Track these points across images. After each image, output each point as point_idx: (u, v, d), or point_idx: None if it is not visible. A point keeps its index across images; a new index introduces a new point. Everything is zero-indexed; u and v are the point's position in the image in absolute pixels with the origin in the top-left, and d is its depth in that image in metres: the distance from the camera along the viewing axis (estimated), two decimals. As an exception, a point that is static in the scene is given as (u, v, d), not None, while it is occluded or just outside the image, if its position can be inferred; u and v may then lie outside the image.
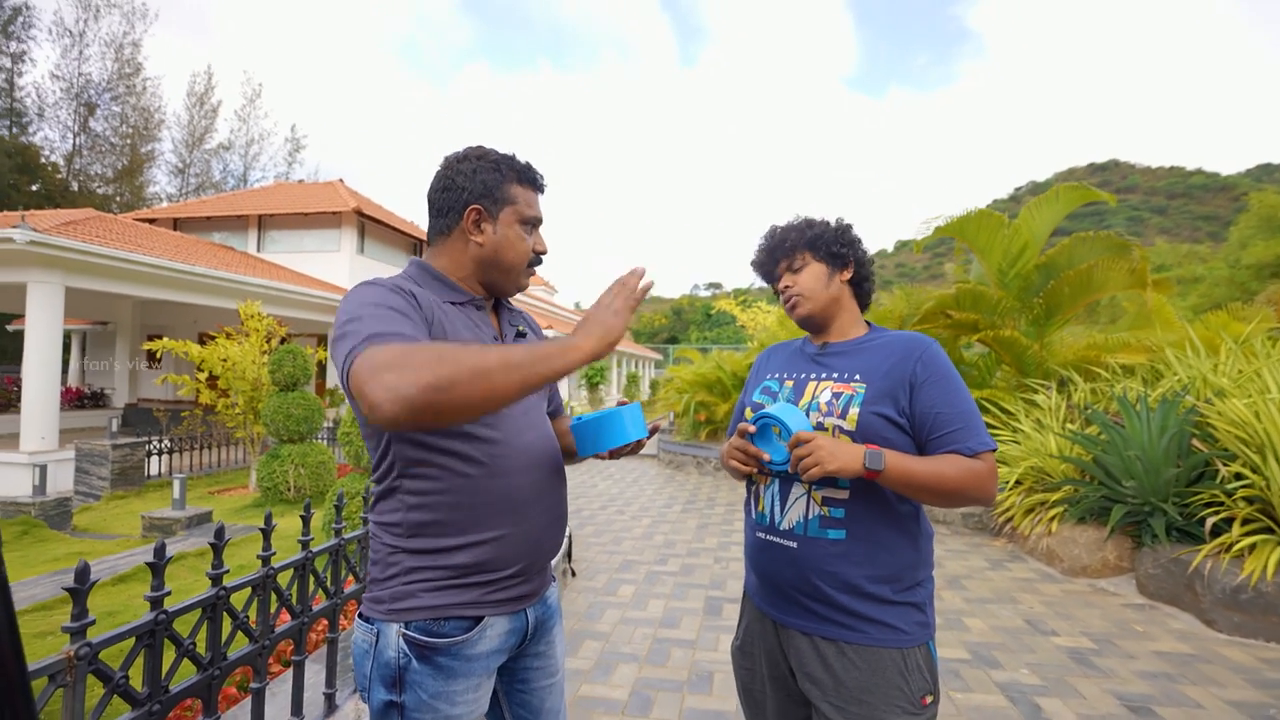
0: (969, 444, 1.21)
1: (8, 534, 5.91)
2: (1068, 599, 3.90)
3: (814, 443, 1.15)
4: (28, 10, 24.63)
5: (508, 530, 1.08)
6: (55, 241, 8.01)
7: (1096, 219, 61.23)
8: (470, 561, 1.05)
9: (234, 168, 34.64)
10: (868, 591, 1.22)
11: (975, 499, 1.21)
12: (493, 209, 1.14)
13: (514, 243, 1.15)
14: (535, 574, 1.15)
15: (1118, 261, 6.10)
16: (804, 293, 1.37)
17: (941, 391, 1.24)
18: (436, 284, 1.14)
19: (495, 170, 1.14)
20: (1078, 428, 5.10)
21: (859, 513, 1.24)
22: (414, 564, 1.04)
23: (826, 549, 1.24)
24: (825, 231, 1.36)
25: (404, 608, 1.03)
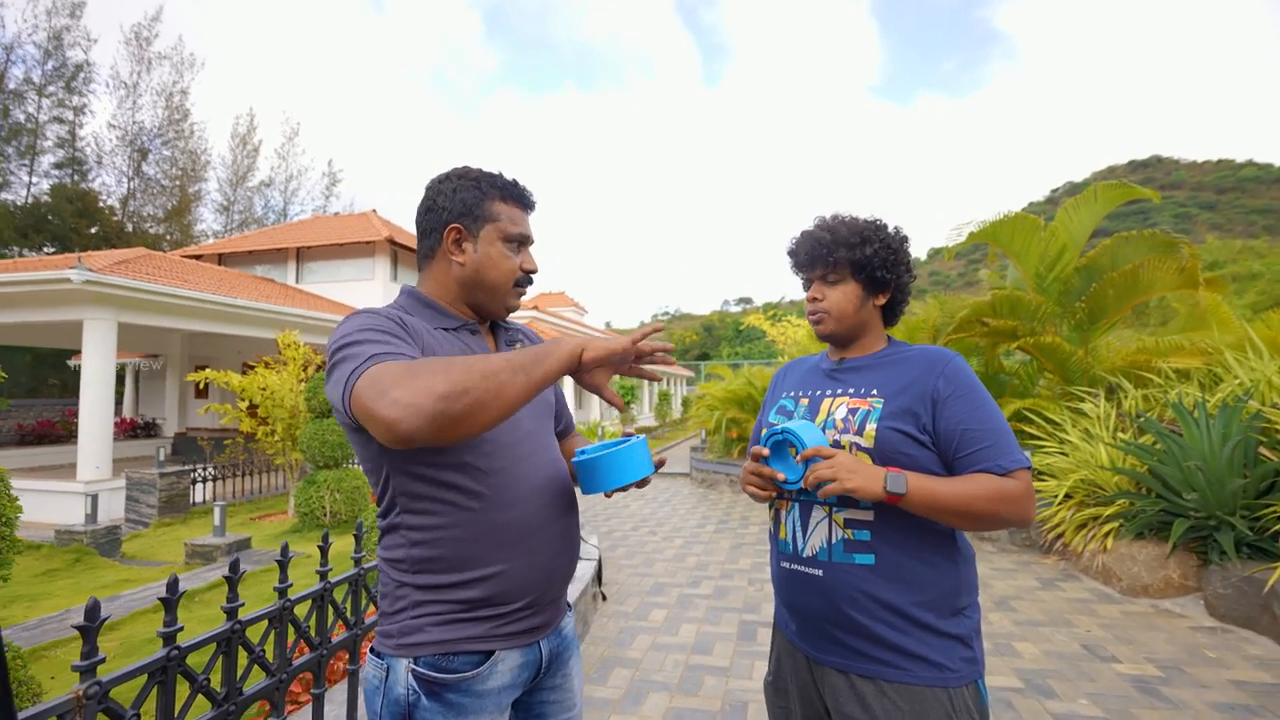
0: (1000, 462, 1.12)
1: (61, 561, 6.12)
2: (1129, 621, 3.65)
3: (833, 458, 1.08)
4: (88, 67, 26.31)
5: (514, 563, 1.04)
6: (107, 280, 8.39)
7: (1140, 218, 59.07)
8: (478, 596, 1.02)
9: (274, 203, 36.15)
10: (908, 615, 1.13)
11: (1010, 521, 1.12)
12: (473, 227, 1.11)
13: (496, 261, 1.12)
14: (547, 605, 1.11)
15: (1165, 260, 5.82)
16: (831, 311, 1.30)
17: (967, 406, 1.16)
18: (428, 311, 1.12)
19: (475, 188, 1.11)
20: (1130, 437, 4.84)
21: (887, 534, 1.15)
22: (421, 598, 1.02)
23: (855, 575, 1.15)
24: (875, 255, 1.27)
25: (412, 642, 1.00)
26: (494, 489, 1.04)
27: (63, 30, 25.26)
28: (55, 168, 26.07)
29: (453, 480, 1.01)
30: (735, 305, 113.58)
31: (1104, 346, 6.54)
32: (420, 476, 1.01)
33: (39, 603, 5.06)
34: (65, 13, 25.36)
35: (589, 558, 4.42)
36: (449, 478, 1.01)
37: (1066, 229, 6.65)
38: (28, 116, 24.69)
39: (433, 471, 1.01)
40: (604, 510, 8.10)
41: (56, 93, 25.55)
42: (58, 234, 23.84)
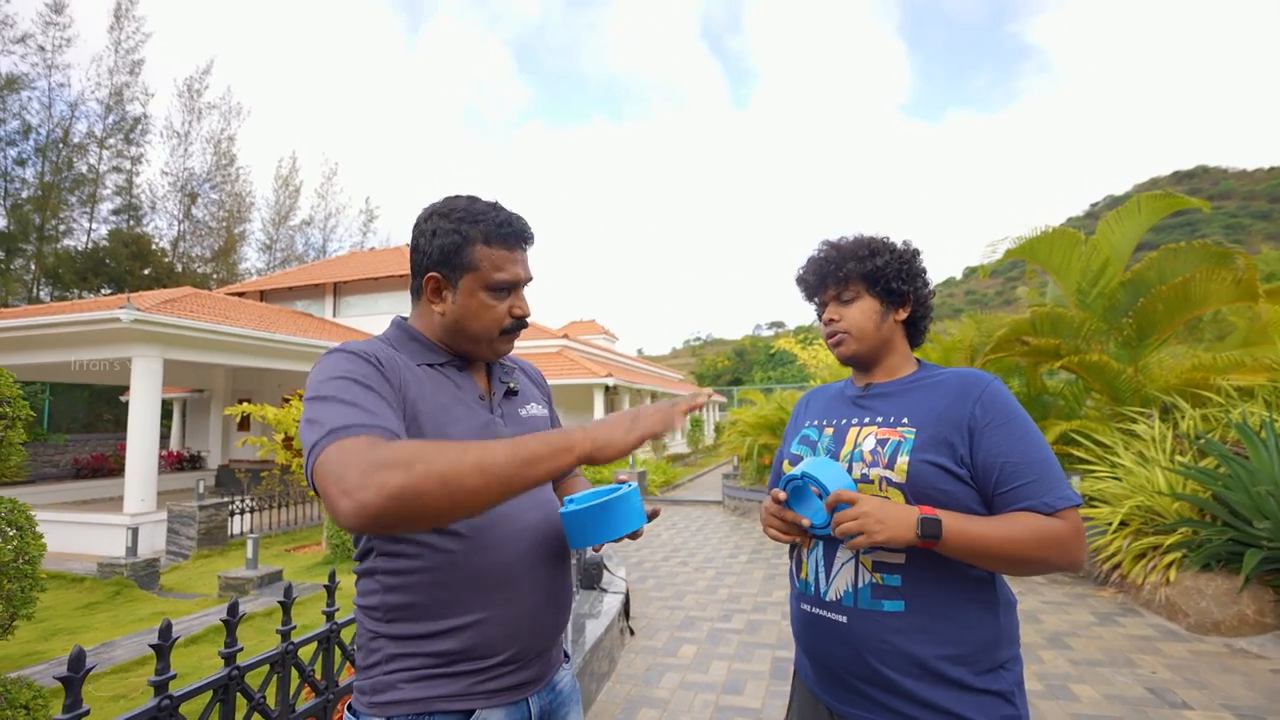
0: (1045, 499, 1.00)
1: (102, 594, 6.25)
2: (1200, 662, 3.36)
3: (859, 507, 0.98)
4: (145, 119, 27.97)
5: (493, 611, 0.96)
6: (153, 318, 8.73)
7: (1188, 230, 56.96)
8: (455, 648, 0.94)
9: (314, 240, 37.49)
10: (939, 672, 1.01)
11: (1057, 565, 1.00)
12: (451, 276, 1.03)
13: (476, 313, 1.04)
14: (534, 659, 1.02)
15: (1219, 272, 5.50)
16: (851, 331, 1.21)
17: (1008, 437, 1.05)
18: (414, 345, 1.07)
19: (455, 233, 1.02)
20: (1189, 460, 4.53)
21: (919, 579, 1.04)
22: (395, 650, 0.94)
23: (883, 624, 1.04)
24: (888, 265, 1.19)
25: (386, 700, 0.92)
26: (475, 530, 0.96)
27: (123, 86, 26.97)
28: (113, 214, 27.59)
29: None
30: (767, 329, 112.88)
31: (1156, 364, 6.20)
32: None
33: (78, 635, 5.15)
34: (126, 70, 27.11)
35: (616, 590, 4.30)
36: None
37: (1109, 242, 6.38)
38: (89, 168, 26.27)
39: None
40: (634, 541, 7.94)
41: (116, 144, 27.16)
42: (114, 276, 25.10)
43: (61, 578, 6.89)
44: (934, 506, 1.04)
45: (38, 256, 23.75)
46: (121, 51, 27.02)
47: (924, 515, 0.98)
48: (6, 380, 2.45)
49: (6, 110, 23.25)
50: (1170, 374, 5.90)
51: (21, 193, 23.89)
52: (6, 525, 2.37)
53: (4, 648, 4.22)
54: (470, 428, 1.01)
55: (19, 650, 4.57)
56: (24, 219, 23.39)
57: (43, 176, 24.47)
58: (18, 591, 2.29)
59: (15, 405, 2.45)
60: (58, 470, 15.66)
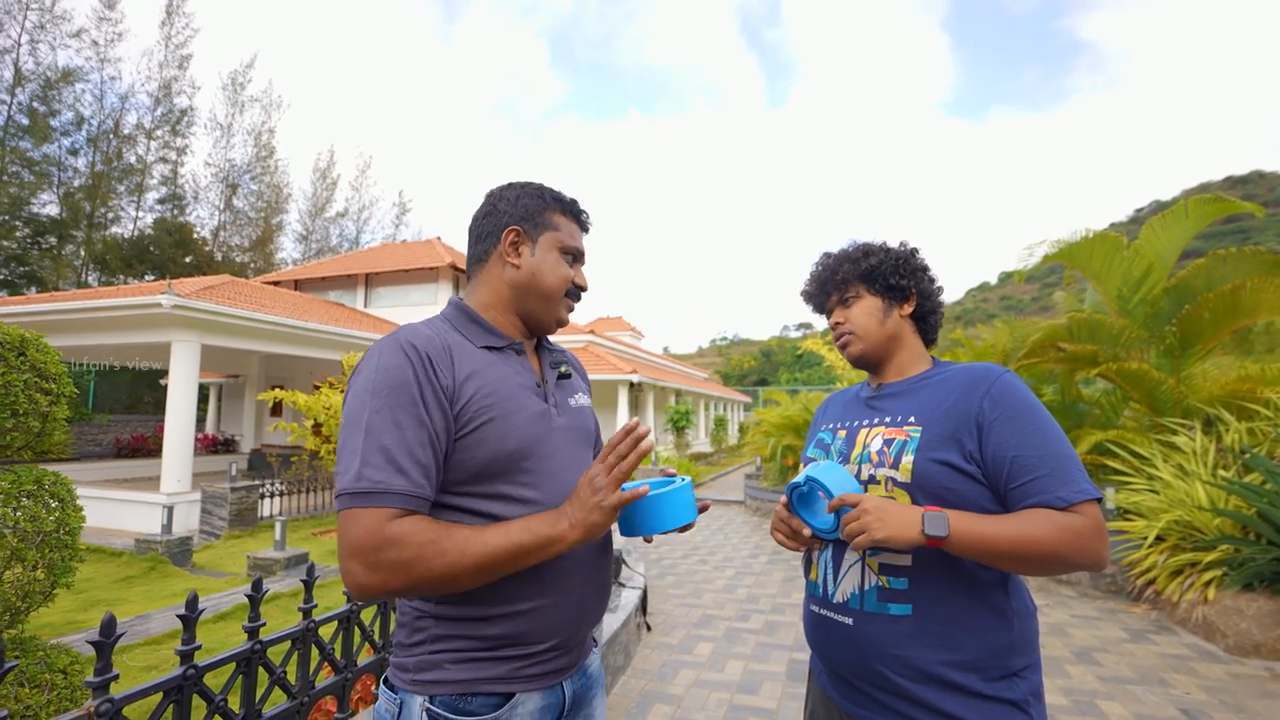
0: (1059, 493, 0.97)
1: (138, 569, 6.47)
2: (1238, 686, 3.23)
3: (860, 505, 0.96)
4: (191, 111, 28.82)
5: (547, 601, 0.98)
6: (192, 304, 9.00)
7: (1239, 237, 54.64)
8: (504, 633, 0.95)
9: (348, 232, 38.21)
10: (945, 677, 0.98)
11: (1076, 563, 0.96)
12: (532, 232, 1.10)
13: (553, 267, 1.10)
14: (574, 646, 1.04)
15: (1272, 280, 5.26)
16: (856, 330, 1.22)
17: (1017, 430, 1.01)
18: (474, 328, 1.07)
19: (539, 197, 1.11)
20: (1233, 475, 4.36)
21: (926, 583, 1.02)
22: (442, 632, 0.95)
23: (888, 627, 1.03)
24: (883, 262, 1.20)
25: (430, 679, 0.94)
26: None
27: (171, 80, 27.82)
28: (158, 203, 28.48)
29: (488, 510, 0.96)
30: (795, 331, 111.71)
31: (1199, 374, 5.97)
32: (452, 507, 0.96)
33: (116, 607, 5.34)
34: (174, 65, 27.96)
35: (635, 585, 4.30)
36: (484, 508, 0.96)
37: (1153, 247, 6.16)
38: (137, 158, 27.16)
39: (467, 502, 0.96)
40: (654, 538, 7.94)
41: (163, 136, 28.02)
42: (157, 263, 25.95)
43: (101, 552, 7.15)
44: (940, 505, 1.01)
45: (87, 243, 24.67)
46: (171, 46, 27.87)
47: (929, 513, 0.95)
48: (53, 358, 2.54)
49: (61, 102, 24.17)
50: (1214, 385, 5.67)
51: (74, 181, 24.82)
52: (50, 497, 2.46)
53: (46, 615, 4.40)
54: (530, 416, 1.02)
55: (60, 619, 4.76)
56: (75, 207, 24.30)
57: (94, 166, 25.38)
58: (58, 560, 2.38)
59: (60, 382, 2.54)
60: (100, 449, 16.27)
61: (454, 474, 0.95)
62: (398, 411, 0.89)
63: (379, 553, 0.83)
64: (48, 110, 23.57)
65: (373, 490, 0.85)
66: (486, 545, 0.86)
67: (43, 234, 23.50)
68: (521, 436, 0.98)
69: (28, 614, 2.36)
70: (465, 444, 0.94)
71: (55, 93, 23.81)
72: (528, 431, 0.99)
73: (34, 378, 2.43)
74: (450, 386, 0.95)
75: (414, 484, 0.88)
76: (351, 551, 0.84)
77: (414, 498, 0.87)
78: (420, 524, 0.87)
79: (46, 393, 2.47)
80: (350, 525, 0.85)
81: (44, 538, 2.36)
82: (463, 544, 0.86)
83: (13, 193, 21.95)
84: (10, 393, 2.33)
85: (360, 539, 0.84)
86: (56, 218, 23.77)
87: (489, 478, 0.96)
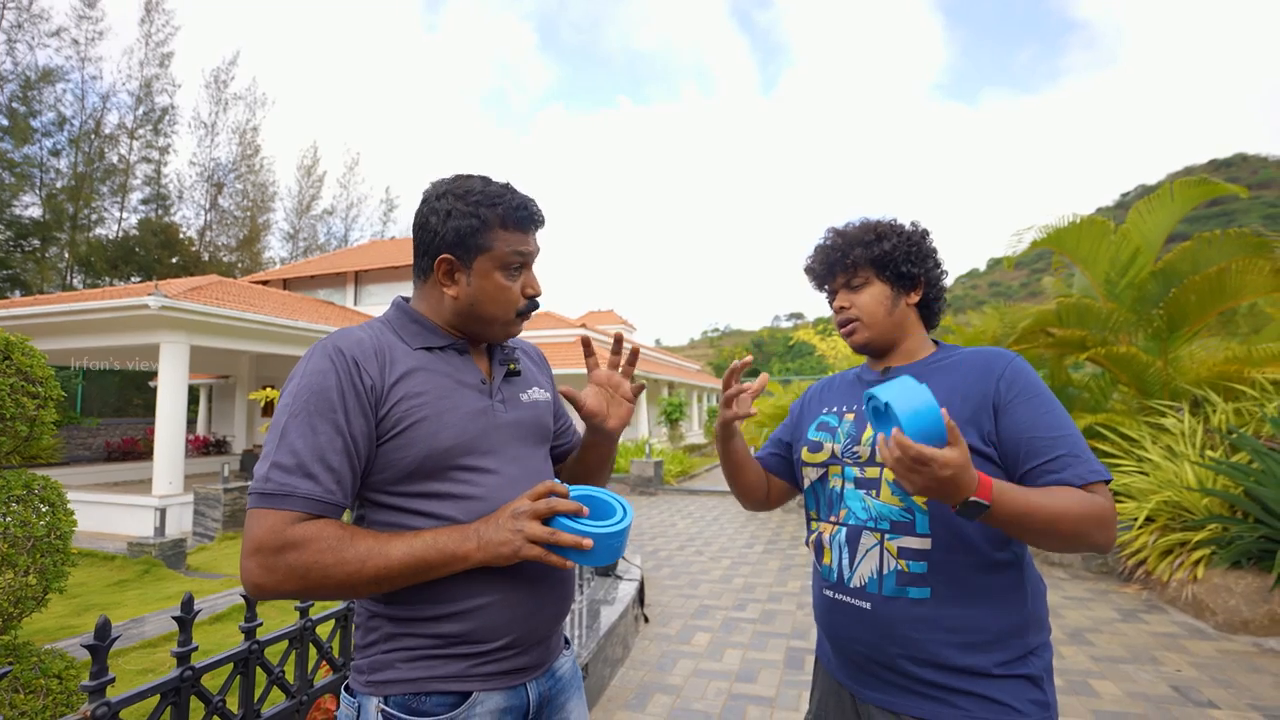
0: (1080, 473, 0.97)
1: (131, 572, 6.43)
2: (1226, 661, 3.29)
3: (930, 458, 0.85)
4: (173, 110, 28.45)
5: (497, 598, 0.96)
6: (180, 305, 8.91)
7: (1224, 220, 55.03)
8: (454, 631, 0.94)
9: (336, 230, 37.98)
10: (966, 657, 1.00)
11: (1096, 543, 0.96)
12: (465, 258, 1.02)
13: (493, 295, 1.03)
14: (533, 645, 1.01)
15: (1256, 262, 5.32)
16: (862, 318, 1.19)
17: (1034, 411, 1.02)
18: (414, 327, 1.05)
19: (472, 216, 1.00)
20: (1220, 455, 4.42)
21: (945, 565, 1.03)
22: (394, 630, 0.95)
23: (908, 611, 1.03)
24: (895, 248, 1.17)
25: (382, 679, 0.93)
26: (474, 518, 0.96)
27: (152, 79, 27.43)
28: (142, 203, 28.16)
29: (426, 509, 0.96)
30: (786, 320, 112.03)
31: (1187, 356, 6.03)
32: (383, 505, 0.97)
33: (110, 611, 5.31)
34: (155, 63, 27.56)
35: (631, 578, 4.32)
36: (421, 506, 0.96)
37: (1140, 231, 6.20)
38: (120, 158, 26.82)
39: (402, 501, 0.96)
40: (649, 529, 7.98)
41: (145, 135, 27.66)
42: (143, 265, 25.67)
43: (94, 556, 7.10)
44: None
45: (71, 245, 24.36)
46: (151, 44, 27.50)
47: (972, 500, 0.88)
48: (39, 361, 2.51)
49: (42, 102, 23.80)
50: (1201, 367, 5.74)
51: (56, 183, 24.49)
52: (40, 502, 2.44)
53: (39, 621, 4.37)
54: (467, 414, 1.00)
55: (54, 624, 4.73)
56: (58, 208, 23.98)
57: (76, 167, 25.03)
58: (50, 565, 2.36)
59: (47, 386, 2.51)
60: (90, 453, 16.12)
61: (388, 473, 0.95)
62: (314, 417, 0.89)
63: (278, 554, 0.84)
64: (28, 110, 23.22)
65: (278, 492, 0.86)
66: (389, 558, 0.87)
67: (25, 236, 23.18)
68: (457, 434, 0.97)
69: (20, 620, 2.34)
70: (396, 444, 0.94)
71: (35, 93, 23.47)
72: (465, 428, 0.98)
73: (20, 381, 2.40)
74: (378, 388, 0.94)
75: (323, 489, 0.88)
76: (252, 550, 0.84)
77: (320, 502, 0.87)
78: (324, 529, 0.87)
79: (34, 396, 2.44)
80: (254, 524, 0.85)
81: (35, 543, 2.33)
82: (365, 554, 0.86)
83: (-7, 195, 21.65)
84: (-4, 397, 2.30)
85: (261, 539, 0.84)
86: (39, 219, 23.46)
87: (424, 476, 0.96)
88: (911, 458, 0.86)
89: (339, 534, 0.87)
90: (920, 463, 0.86)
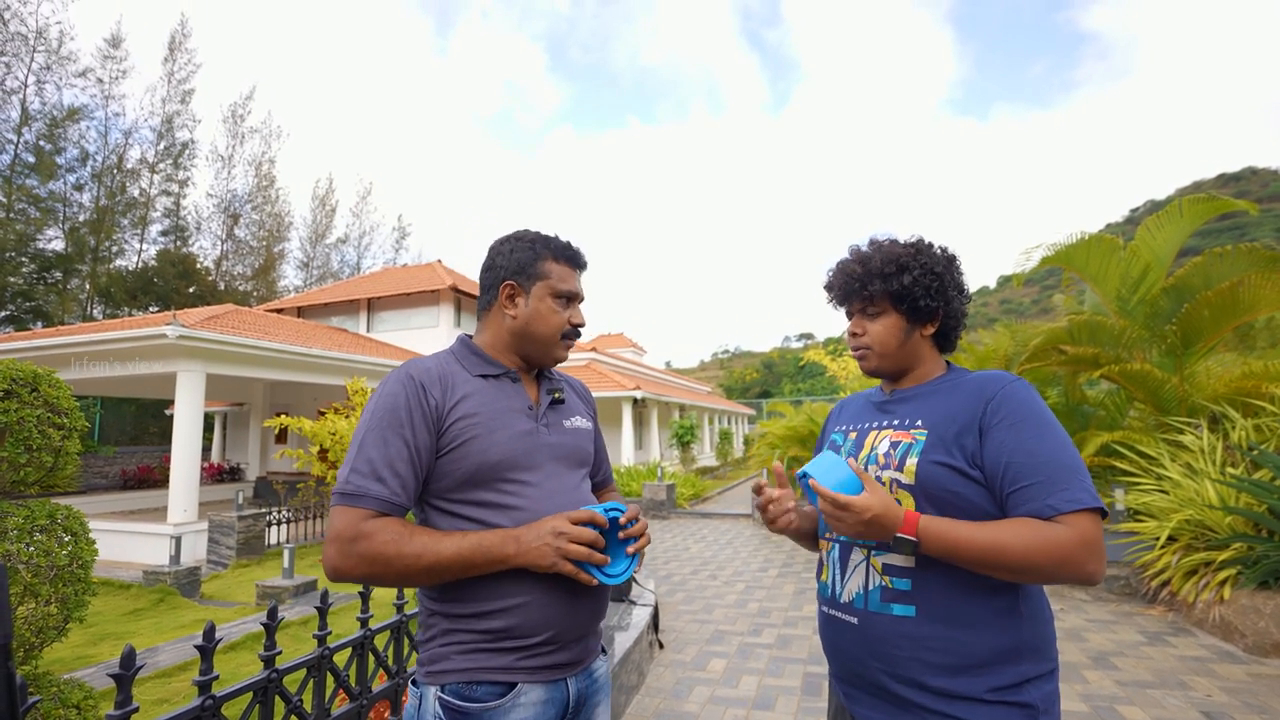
0: (1049, 501, 0.95)
1: (146, 601, 6.46)
2: (1259, 685, 3.20)
3: (847, 507, 1.00)
4: (193, 144, 29.24)
5: (533, 597, 1.08)
6: (197, 334, 9.07)
7: (1235, 234, 54.67)
8: (500, 626, 1.06)
9: (349, 258, 38.53)
10: (948, 679, 0.98)
11: (1058, 576, 0.94)
12: (525, 284, 1.22)
13: (545, 316, 1.21)
14: (572, 642, 1.12)
15: (1270, 277, 5.29)
16: (874, 346, 1.21)
17: (1014, 436, 1.01)
18: (474, 359, 1.22)
19: (530, 249, 1.22)
20: (1242, 472, 4.35)
21: (930, 584, 1.02)
22: (448, 626, 1.08)
23: (892, 627, 1.03)
24: (915, 283, 1.15)
25: (438, 670, 1.06)
26: (516, 524, 1.09)
27: (174, 115, 28.26)
28: (161, 235, 28.80)
29: (474, 515, 1.10)
30: (797, 341, 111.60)
31: (1203, 372, 5.97)
32: (441, 510, 1.11)
33: (124, 640, 5.32)
34: (177, 100, 28.42)
35: (645, 603, 4.28)
36: (470, 513, 1.10)
37: (1149, 248, 6.19)
38: (141, 191, 27.50)
39: (453, 507, 1.11)
40: (663, 554, 7.92)
41: (165, 169, 28.41)
42: (161, 295, 26.14)
43: (110, 584, 7.14)
44: (944, 508, 1.03)
45: (91, 276, 24.90)
46: (174, 82, 28.37)
47: (899, 535, 0.99)
48: (65, 393, 2.57)
49: (67, 139, 24.54)
50: (1218, 382, 5.67)
51: (79, 216, 25.11)
52: (62, 531, 2.48)
53: (56, 651, 4.39)
54: (515, 434, 1.14)
55: (70, 654, 4.75)
56: (80, 241, 24.57)
57: (98, 201, 25.69)
58: (71, 595, 2.39)
59: (72, 417, 2.57)
60: (106, 481, 16.28)
61: (445, 482, 1.10)
62: (386, 431, 1.06)
63: (352, 543, 1.00)
64: (53, 148, 23.93)
65: (355, 492, 1.02)
66: (440, 554, 1.01)
67: (48, 269, 23.73)
68: (504, 450, 1.11)
69: (42, 650, 2.37)
70: (452, 457, 1.09)
71: (61, 130, 24.20)
72: (512, 446, 1.13)
73: (47, 413, 2.46)
74: (440, 408, 1.11)
75: (390, 491, 1.04)
76: (332, 538, 1.01)
77: (388, 503, 1.03)
78: (389, 525, 1.02)
79: (59, 427, 2.50)
80: (335, 518, 1.02)
81: (58, 572, 2.37)
82: (420, 549, 1.01)
83: (19, 229, 22.21)
84: (24, 428, 2.36)
85: (339, 530, 1.01)
86: (62, 252, 24.02)
87: (475, 486, 1.10)
88: (831, 503, 1.00)
89: (401, 530, 1.03)
90: (840, 508, 0.99)
